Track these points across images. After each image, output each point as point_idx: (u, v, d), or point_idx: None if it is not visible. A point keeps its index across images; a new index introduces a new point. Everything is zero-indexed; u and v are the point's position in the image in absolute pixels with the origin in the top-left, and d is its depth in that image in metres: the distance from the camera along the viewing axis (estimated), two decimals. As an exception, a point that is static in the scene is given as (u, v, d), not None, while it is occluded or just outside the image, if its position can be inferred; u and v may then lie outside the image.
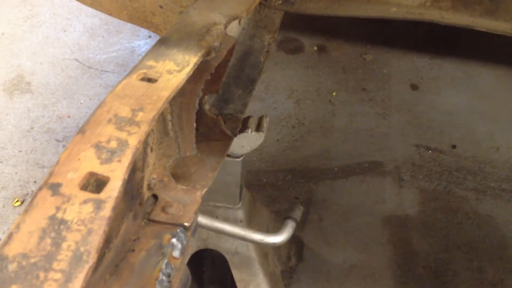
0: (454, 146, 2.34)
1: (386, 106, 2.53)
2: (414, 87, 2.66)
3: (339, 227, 2.01)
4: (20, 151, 2.32)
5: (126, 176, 0.67)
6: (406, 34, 2.94)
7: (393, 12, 1.72)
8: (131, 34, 3.00)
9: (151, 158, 0.97)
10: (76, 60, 2.85)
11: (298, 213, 1.41)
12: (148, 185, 0.97)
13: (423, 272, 1.86)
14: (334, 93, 2.61)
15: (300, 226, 1.97)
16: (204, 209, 1.42)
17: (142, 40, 2.99)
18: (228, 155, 1.34)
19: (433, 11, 1.70)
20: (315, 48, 2.86)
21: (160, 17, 1.45)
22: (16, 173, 2.22)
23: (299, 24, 2.97)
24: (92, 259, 0.57)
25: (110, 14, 1.53)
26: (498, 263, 1.90)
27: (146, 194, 0.96)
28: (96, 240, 0.58)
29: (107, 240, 0.82)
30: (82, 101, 2.59)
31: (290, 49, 2.84)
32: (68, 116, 2.50)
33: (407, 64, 2.81)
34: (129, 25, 3.06)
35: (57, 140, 2.39)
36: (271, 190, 2.13)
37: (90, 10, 3.23)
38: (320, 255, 1.90)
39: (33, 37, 3.01)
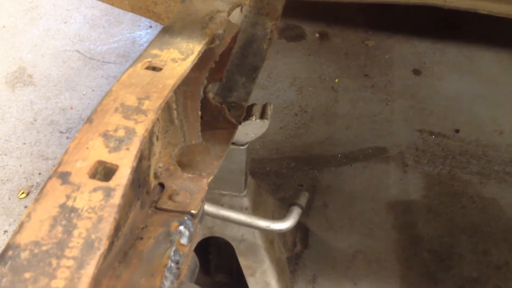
0: (457, 131, 2.34)
1: (388, 91, 2.53)
2: (416, 72, 2.65)
3: (344, 213, 2.02)
4: (24, 144, 2.32)
5: (135, 164, 0.67)
6: (408, 19, 2.93)
7: (395, -4, 1.71)
8: (131, 24, 3.00)
9: (157, 147, 0.97)
10: (78, 51, 2.85)
11: (303, 199, 1.42)
12: (155, 173, 0.98)
13: (428, 256, 1.87)
14: (336, 80, 2.60)
15: (305, 213, 1.98)
16: (210, 197, 1.42)
17: (143, 30, 2.98)
18: (233, 143, 1.35)
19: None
20: (317, 35, 2.85)
21: (162, 6, 1.45)
22: (20, 165, 2.23)
23: (301, 11, 2.96)
24: (103, 246, 0.58)
25: (112, 4, 1.53)
26: (503, 246, 1.91)
27: (153, 182, 0.97)
28: (107, 227, 0.59)
29: (116, 229, 0.83)
30: (84, 93, 2.59)
31: (292, 36, 2.83)
32: (71, 108, 2.51)
33: (409, 49, 2.80)
34: (129, 15, 3.05)
35: (61, 132, 2.39)
36: (275, 178, 2.13)
37: (90, 1, 3.23)
38: (325, 241, 1.91)
39: (34, 29, 3.00)
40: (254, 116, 1.30)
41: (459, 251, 1.88)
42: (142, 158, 0.89)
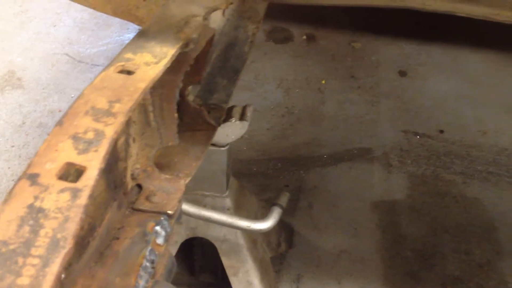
0: (441, 131, 2.36)
1: (374, 93, 2.56)
2: (402, 73, 2.68)
3: (329, 213, 2.04)
4: (13, 146, 2.34)
5: (103, 166, 0.69)
6: (395, 21, 2.96)
7: (376, -1, 1.74)
8: (120, 27, 3.02)
9: (134, 149, 0.99)
10: (67, 54, 2.86)
11: (284, 200, 1.44)
12: (132, 175, 0.99)
13: (411, 255, 1.90)
14: (323, 82, 2.63)
15: (290, 213, 2.01)
16: (192, 198, 1.44)
17: (131, 33, 3.00)
18: (214, 145, 1.37)
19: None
20: (304, 37, 2.88)
21: (144, 10, 1.47)
22: (9, 168, 2.24)
23: (288, 13, 2.98)
24: (68, 244, 0.60)
25: (95, 9, 1.55)
26: (485, 245, 1.93)
27: (130, 183, 0.99)
28: (72, 227, 0.61)
29: (91, 229, 0.85)
30: (73, 95, 2.61)
31: (279, 38, 2.85)
32: (60, 111, 2.52)
33: (395, 51, 2.83)
34: (118, 18, 3.07)
35: (50, 135, 2.40)
36: (262, 179, 2.15)
37: (79, 5, 3.24)
38: (310, 241, 1.93)
39: (23, 33, 3.02)
40: (233, 118, 1.32)
41: (442, 250, 1.91)
42: (118, 160, 0.91)
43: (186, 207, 1.38)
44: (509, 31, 2.55)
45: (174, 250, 1.50)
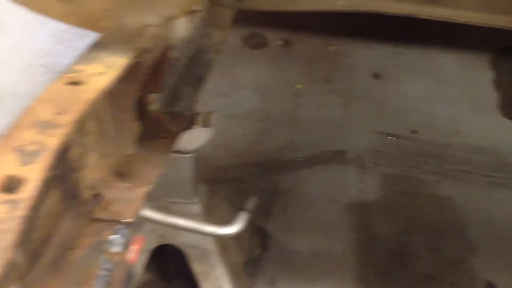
0: (415, 131, 2.40)
1: (349, 95, 2.58)
2: (377, 76, 2.71)
3: (303, 216, 2.06)
4: (-11, 159, 2.34)
5: (46, 176, 0.71)
6: (370, 24, 2.99)
7: (340, 4, 1.77)
8: (97, 37, 3.02)
9: (91, 159, 1.00)
10: (44, 66, 2.87)
11: (251, 204, 1.46)
12: (90, 184, 1.01)
13: (385, 254, 1.92)
14: (299, 86, 2.65)
15: (265, 216, 2.03)
16: (161, 205, 1.46)
17: (109, 43, 3.00)
18: (179, 152, 1.39)
19: (379, 2, 1.75)
20: (280, 42, 2.90)
21: (109, 21, 1.48)
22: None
23: (264, 19, 3.01)
24: (6, 255, 0.61)
25: (61, 20, 1.55)
26: (457, 243, 1.96)
27: (88, 193, 1.00)
28: (9, 238, 0.62)
29: (44, 239, 0.86)
30: (50, 106, 2.61)
31: (255, 44, 2.87)
32: (37, 122, 2.52)
33: (370, 53, 2.86)
34: (94, 28, 3.07)
35: (27, 146, 2.41)
36: (238, 184, 2.17)
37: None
38: (285, 244, 1.95)
39: (0, 45, 3.02)
40: (197, 125, 1.34)
41: (415, 249, 1.93)
42: (72, 170, 0.93)
43: (152, 214, 1.39)
44: (481, 31, 2.60)
45: (144, 257, 1.51)
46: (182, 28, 1.53)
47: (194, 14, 1.60)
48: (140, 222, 1.07)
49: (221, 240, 1.53)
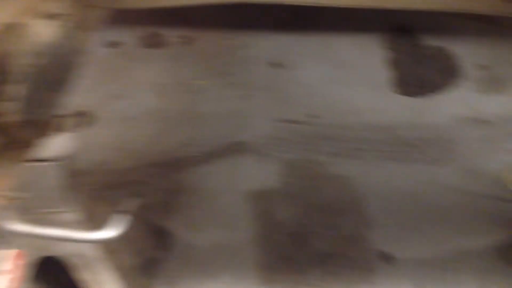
0: (313, 116, 2.44)
1: (249, 87, 2.60)
2: (276, 65, 2.74)
3: (205, 211, 2.06)
4: None
5: None
6: (269, 14, 3.02)
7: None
8: None
9: None
10: None
11: (129, 205, 1.43)
12: None
13: (287, 239, 1.95)
14: (201, 82, 2.64)
15: (166, 215, 2.01)
16: (37, 218, 1.41)
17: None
18: (43, 160, 1.34)
19: None
20: (178, 39, 2.88)
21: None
22: None
23: (161, 17, 2.97)
24: None
25: None
26: (355, 219, 2.02)
27: None
28: None
29: None
30: None
31: (152, 43, 2.84)
32: None
33: (269, 44, 2.88)
34: None
35: None
36: (137, 186, 2.14)
37: None
38: (187, 241, 1.94)
39: None
40: (58, 131, 1.30)
41: (314, 229, 1.97)
42: None
43: (25, 228, 1.35)
44: (374, 13, 2.68)
45: (28, 271, 1.46)
46: (39, 32, 1.48)
47: (57, 17, 1.56)
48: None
49: (105, 245, 1.50)
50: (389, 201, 2.10)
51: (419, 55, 2.82)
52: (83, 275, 1.47)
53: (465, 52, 2.89)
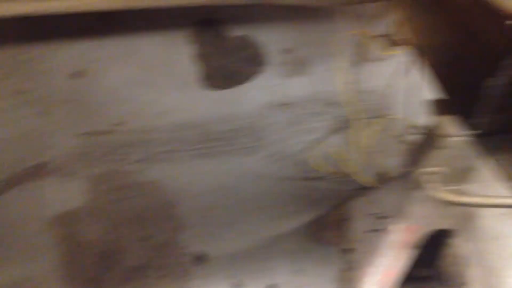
0: (119, 124, 2.35)
1: (47, 102, 2.43)
2: (76, 75, 2.59)
3: (6, 245, 1.88)
4: None
5: None
6: (67, 23, 2.85)
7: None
8: None
9: None
10: None
11: None
12: None
13: (94, 259, 1.85)
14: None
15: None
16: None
17: None
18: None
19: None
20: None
21: None
22: None
23: None
24: None
25: None
26: (166, 225, 1.98)
27: None
28: None
29: None
30: None
31: None
32: None
33: (67, 53, 2.72)
34: None
35: None
36: None
37: None
38: None
39: None
40: None
41: (124, 244, 1.90)
42: None
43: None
44: (175, 10, 2.64)
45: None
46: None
47: None
48: None
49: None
50: (201, 200, 2.09)
51: (224, 47, 2.86)
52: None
53: (270, 38, 2.99)
